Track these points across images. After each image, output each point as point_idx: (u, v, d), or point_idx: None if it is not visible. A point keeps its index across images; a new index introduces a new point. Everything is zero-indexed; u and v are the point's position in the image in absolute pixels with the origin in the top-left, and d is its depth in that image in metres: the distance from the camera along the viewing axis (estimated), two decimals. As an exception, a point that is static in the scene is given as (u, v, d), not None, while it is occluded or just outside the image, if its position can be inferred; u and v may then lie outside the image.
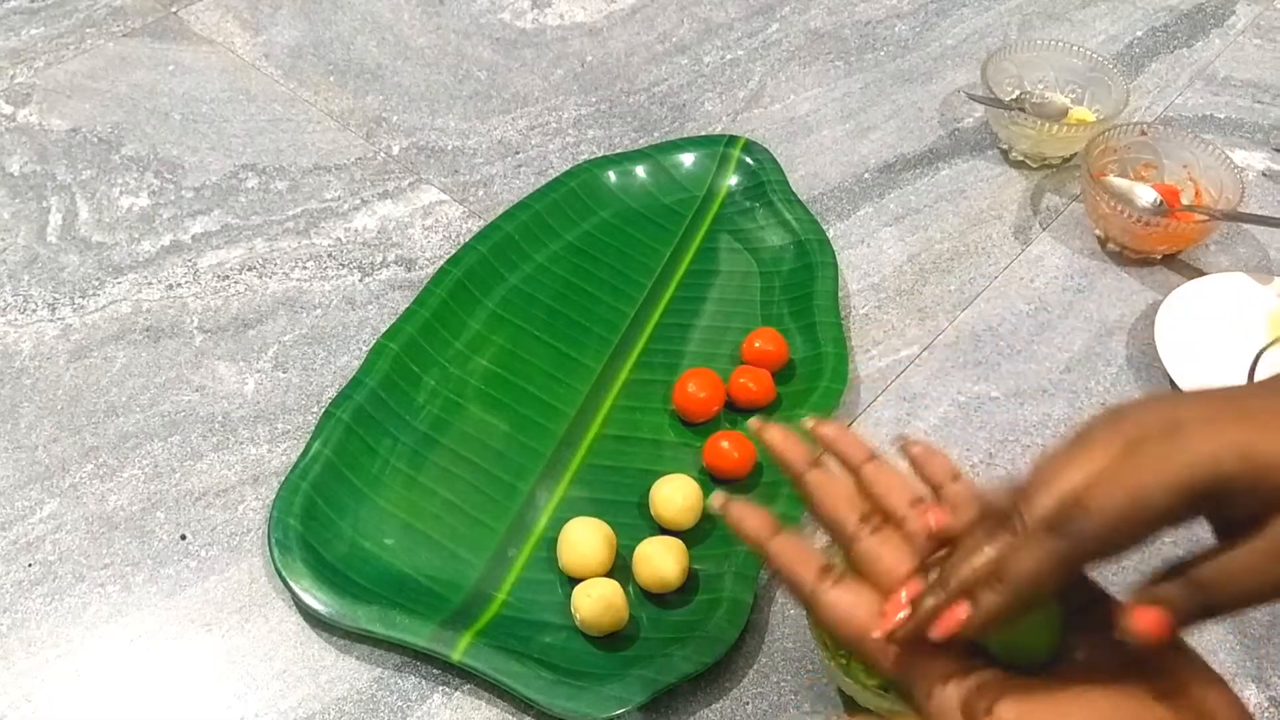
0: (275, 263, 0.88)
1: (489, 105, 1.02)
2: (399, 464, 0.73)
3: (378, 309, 0.84)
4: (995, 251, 0.89)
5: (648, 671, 0.62)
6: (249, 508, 0.72)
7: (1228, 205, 0.86)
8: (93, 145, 0.97)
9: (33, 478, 0.74)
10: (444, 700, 0.64)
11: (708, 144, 0.93)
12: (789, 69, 1.06)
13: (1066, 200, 0.93)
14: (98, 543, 0.71)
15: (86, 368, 0.80)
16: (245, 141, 0.98)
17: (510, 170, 0.96)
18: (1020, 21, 1.12)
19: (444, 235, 0.90)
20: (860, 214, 0.92)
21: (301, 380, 0.80)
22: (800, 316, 0.81)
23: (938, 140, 0.99)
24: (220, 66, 1.05)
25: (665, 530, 0.70)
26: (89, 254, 0.88)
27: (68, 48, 1.06)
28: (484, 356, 0.79)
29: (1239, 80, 1.05)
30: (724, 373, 0.77)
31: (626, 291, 0.84)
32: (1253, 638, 0.66)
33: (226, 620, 0.67)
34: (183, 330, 0.83)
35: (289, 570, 0.66)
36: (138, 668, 0.65)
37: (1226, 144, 0.97)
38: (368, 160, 0.96)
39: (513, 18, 1.11)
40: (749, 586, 0.66)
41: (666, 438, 0.76)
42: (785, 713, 0.63)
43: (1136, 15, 1.12)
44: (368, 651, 0.66)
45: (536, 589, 0.68)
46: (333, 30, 1.09)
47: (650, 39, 1.09)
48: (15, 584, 0.68)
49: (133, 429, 0.76)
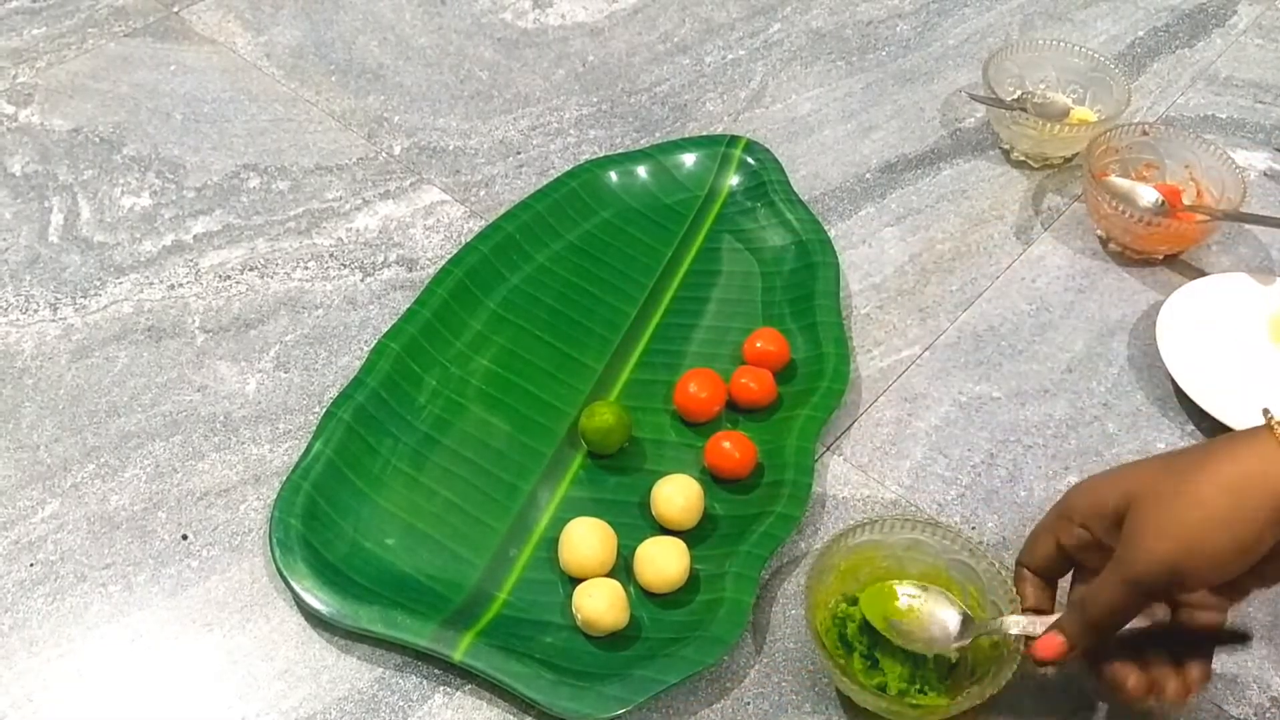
0: (277, 263, 0.88)
1: (490, 105, 1.02)
2: (400, 464, 0.73)
3: (379, 309, 0.84)
4: (997, 252, 0.89)
5: (649, 671, 0.62)
6: (250, 508, 0.72)
7: (1229, 205, 0.86)
8: (94, 145, 0.97)
9: (34, 477, 0.74)
10: (445, 700, 0.64)
11: (709, 144, 0.93)
12: (790, 69, 1.06)
13: (1068, 200, 0.93)
14: (99, 542, 0.71)
15: (88, 368, 0.80)
16: (247, 141, 0.98)
17: (512, 170, 0.96)
18: (1022, 21, 1.12)
19: (445, 235, 0.90)
20: (862, 214, 0.92)
21: (303, 380, 0.80)
22: (801, 316, 0.81)
23: (939, 140, 0.99)
24: (222, 66, 1.05)
25: (666, 530, 0.70)
26: (91, 254, 0.88)
27: (69, 48, 1.06)
28: (485, 356, 0.79)
29: (1241, 80, 1.05)
30: (725, 373, 0.77)
31: (628, 291, 0.84)
32: (1253, 638, 0.66)
33: (228, 620, 0.67)
34: (184, 330, 0.83)
35: (290, 570, 0.66)
36: (139, 667, 0.65)
37: (1228, 144, 0.96)
38: (369, 160, 0.96)
39: (514, 18, 1.11)
40: (750, 587, 0.66)
41: (668, 438, 0.76)
42: (784, 713, 0.63)
43: (1138, 15, 1.12)
44: (369, 651, 0.66)
45: (538, 589, 0.68)
46: (334, 30, 1.10)
47: (652, 39, 1.09)
48: (17, 584, 0.69)
49: (134, 429, 0.76)
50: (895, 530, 0.65)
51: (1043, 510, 0.72)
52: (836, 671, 0.60)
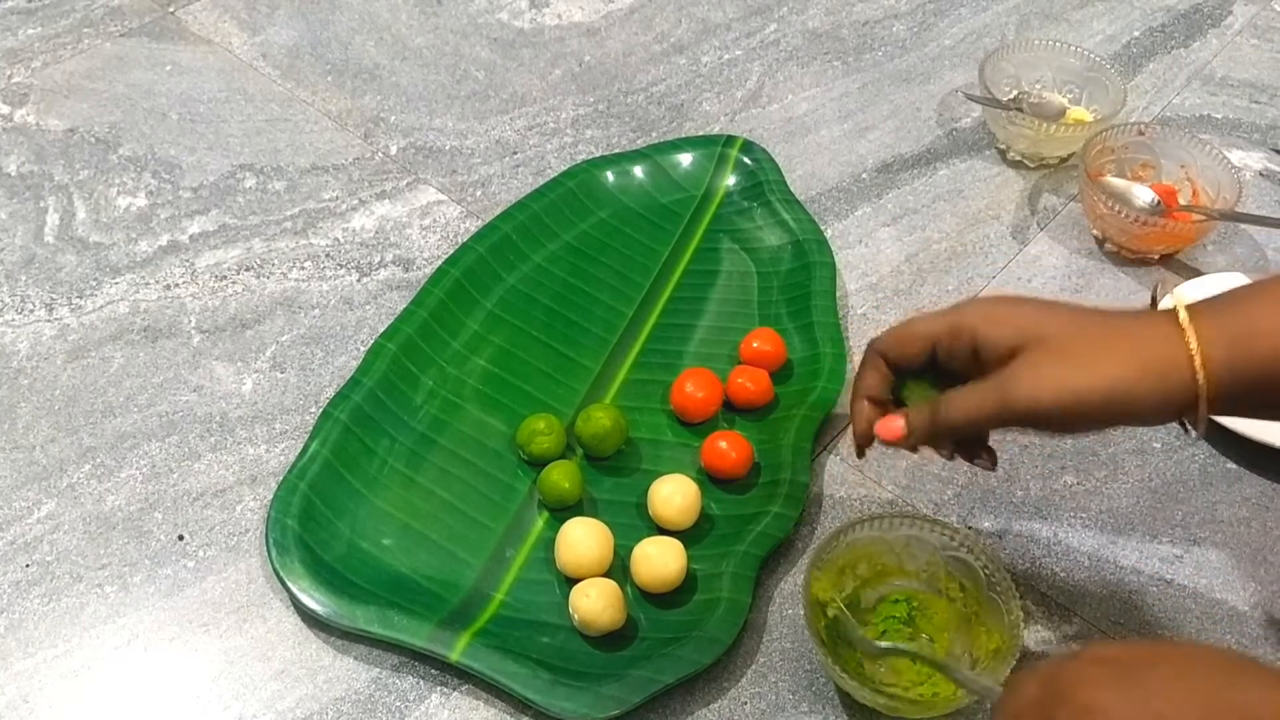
0: (273, 263, 0.88)
1: (487, 105, 1.02)
2: (397, 464, 0.73)
3: (375, 309, 0.84)
4: (993, 251, 0.89)
5: (646, 671, 0.62)
6: (247, 508, 0.72)
7: (1225, 205, 0.86)
8: (90, 145, 0.97)
9: (30, 478, 0.74)
10: (442, 700, 0.64)
11: (706, 144, 0.93)
12: (787, 69, 1.06)
13: (1064, 200, 0.94)
14: (95, 543, 0.70)
15: (84, 368, 0.80)
16: (243, 141, 0.98)
17: (508, 170, 0.96)
18: (1018, 22, 1.12)
19: (442, 235, 0.90)
20: (858, 214, 0.92)
21: (299, 380, 0.80)
22: (798, 316, 0.81)
23: (935, 140, 0.99)
24: (218, 66, 1.05)
25: (663, 530, 0.70)
26: (86, 254, 0.88)
27: (65, 48, 1.06)
28: (482, 357, 0.79)
29: (1236, 80, 1.05)
30: (722, 373, 0.77)
31: (624, 292, 0.84)
32: (1249, 637, 0.67)
33: (224, 620, 0.67)
34: (180, 330, 0.83)
35: (287, 570, 0.66)
36: (135, 668, 0.65)
37: (1224, 144, 0.97)
38: (365, 160, 0.96)
39: (510, 18, 1.11)
40: (747, 587, 0.66)
41: (665, 438, 0.76)
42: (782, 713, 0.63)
43: (1134, 15, 1.12)
44: (366, 652, 0.66)
45: (534, 589, 0.68)
46: (330, 30, 1.09)
47: (648, 39, 1.09)
48: (13, 584, 0.68)
49: (130, 429, 0.76)
50: (895, 527, 0.65)
51: (1039, 511, 0.72)
52: (836, 670, 0.60)
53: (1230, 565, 0.70)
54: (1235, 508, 0.73)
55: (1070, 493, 0.73)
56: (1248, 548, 0.71)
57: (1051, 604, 0.68)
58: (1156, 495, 0.73)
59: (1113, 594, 0.69)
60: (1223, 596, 0.68)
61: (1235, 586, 0.69)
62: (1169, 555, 0.70)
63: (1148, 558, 0.70)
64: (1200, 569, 0.70)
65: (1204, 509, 0.73)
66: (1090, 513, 0.72)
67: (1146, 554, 0.71)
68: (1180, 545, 0.71)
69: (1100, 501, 0.73)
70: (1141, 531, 0.72)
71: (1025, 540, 0.71)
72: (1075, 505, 0.73)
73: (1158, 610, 0.68)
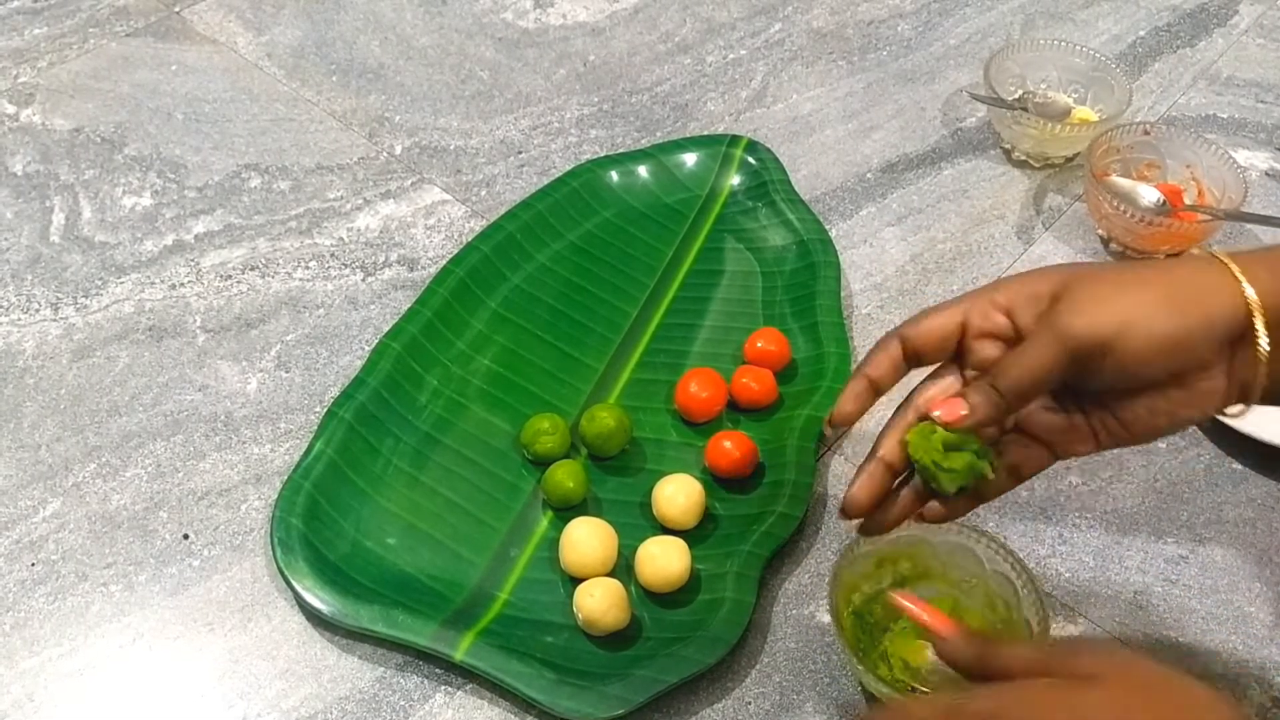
0: (278, 262, 0.88)
1: (491, 105, 1.02)
2: (401, 464, 0.73)
3: (380, 309, 0.84)
4: (998, 251, 0.89)
5: (650, 671, 0.62)
6: (251, 507, 0.72)
7: (1230, 205, 0.86)
8: (95, 145, 0.97)
9: (36, 477, 0.74)
10: (446, 700, 0.64)
11: (710, 144, 0.93)
12: (791, 69, 1.06)
13: (1069, 200, 0.93)
14: (100, 542, 0.71)
15: (89, 367, 0.80)
16: (248, 141, 0.98)
17: (513, 170, 0.96)
18: (1023, 21, 1.12)
19: (446, 235, 0.90)
20: (863, 214, 0.92)
21: (304, 380, 0.80)
22: (802, 316, 0.81)
23: (940, 140, 0.99)
24: (223, 66, 1.05)
25: (667, 530, 0.70)
26: (92, 254, 0.88)
27: (70, 47, 1.06)
28: (486, 356, 0.79)
29: (1242, 80, 1.04)
30: (726, 372, 0.77)
31: (629, 291, 0.84)
32: (1254, 638, 0.66)
33: (229, 620, 0.67)
34: (185, 330, 0.83)
35: (291, 570, 0.66)
36: (140, 667, 0.65)
37: (1229, 144, 0.96)
38: (370, 160, 0.96)
39: (515, 17, 1.11)
40: (751, 586, 0.66)
41: (669, 437, 0.76)
42: (786, 713, 0.63)
43: (1139, 15, 1.12)
44: (370, 651, 0.66)
45: (539, 589, 0.68)
46: (335, 30, 1.10)
47: (653, 39, 1.09)
48: (18, 583, 0.69)
49: (135, 428, 0.76)
50: (942, 532, 0.64)
51: (1044, 511, 0.72)
52: (861, 669, 0.59)
53: (1236, 566, 0.70)
54: (1241, 508, 0.73)
55: (1075, 493, 0.73)
56: (1253, 548, 0.71)
57: (1056, 605, 0.68)
58: (1162, 496, 0.73)
59: (1118, 595, 0.68)
60: (1228, 597, 0.68)
61: (1241, 587, 0.69)
62: (1174, 556, 0.70)
63: (1153, 558, 0.70)
64: (1206, 570, 0.70)
65: (1210, 510, 0.72)
66: (1095, 513, 0.72)
67: (1152, 554, 0.71)
68: (1186, 546, 0.71)
69: (1105, 502, 0.73)
70: (1147, 532, 0.71)
71: (1030, 540, 0.71)
72: (1080, 506, 0.73)
73: (1163, 610, 0.68)
